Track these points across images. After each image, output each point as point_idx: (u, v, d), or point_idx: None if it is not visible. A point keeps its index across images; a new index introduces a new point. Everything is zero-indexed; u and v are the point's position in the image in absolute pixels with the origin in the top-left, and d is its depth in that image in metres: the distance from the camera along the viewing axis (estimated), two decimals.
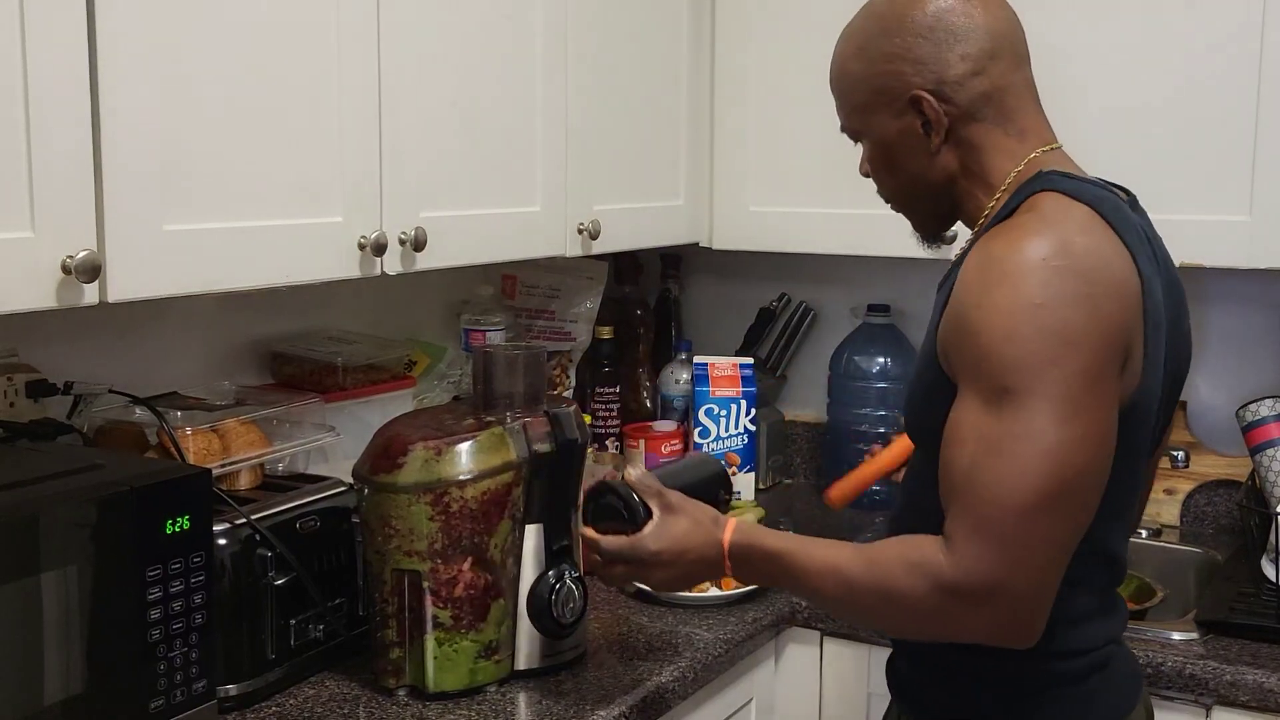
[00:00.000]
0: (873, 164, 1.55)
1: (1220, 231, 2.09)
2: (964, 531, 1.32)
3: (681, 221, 2.51)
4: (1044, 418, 1.29)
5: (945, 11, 1.45)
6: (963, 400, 1.35)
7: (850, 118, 1.55)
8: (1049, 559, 1.33)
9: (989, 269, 1.35)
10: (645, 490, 1.54)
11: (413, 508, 1.65)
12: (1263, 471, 2.22)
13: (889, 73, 1.47)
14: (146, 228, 1.46)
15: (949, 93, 1.45)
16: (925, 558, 1.34)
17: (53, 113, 1.35)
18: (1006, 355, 1.30)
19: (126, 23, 1.42)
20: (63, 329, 1.79)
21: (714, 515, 1.54)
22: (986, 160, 1.48)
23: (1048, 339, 1.30)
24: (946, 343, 1.39)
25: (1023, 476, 1.29)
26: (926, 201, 1.54)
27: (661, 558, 1.51)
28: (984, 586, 1.31)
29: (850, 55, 1.52)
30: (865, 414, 2.64)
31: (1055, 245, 1.33)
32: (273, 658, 1.68)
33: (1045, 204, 1.39)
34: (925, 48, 1.45)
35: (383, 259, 1.78)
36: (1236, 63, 2.08)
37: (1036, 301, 1.30)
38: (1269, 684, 1.80)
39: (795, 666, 2.16)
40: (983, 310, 1.33)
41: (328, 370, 2.11)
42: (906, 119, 1.47)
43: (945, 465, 1.36)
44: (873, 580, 1.38)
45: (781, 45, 2.47)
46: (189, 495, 1.45)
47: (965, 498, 1.33)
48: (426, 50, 1.84)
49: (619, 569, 1.56)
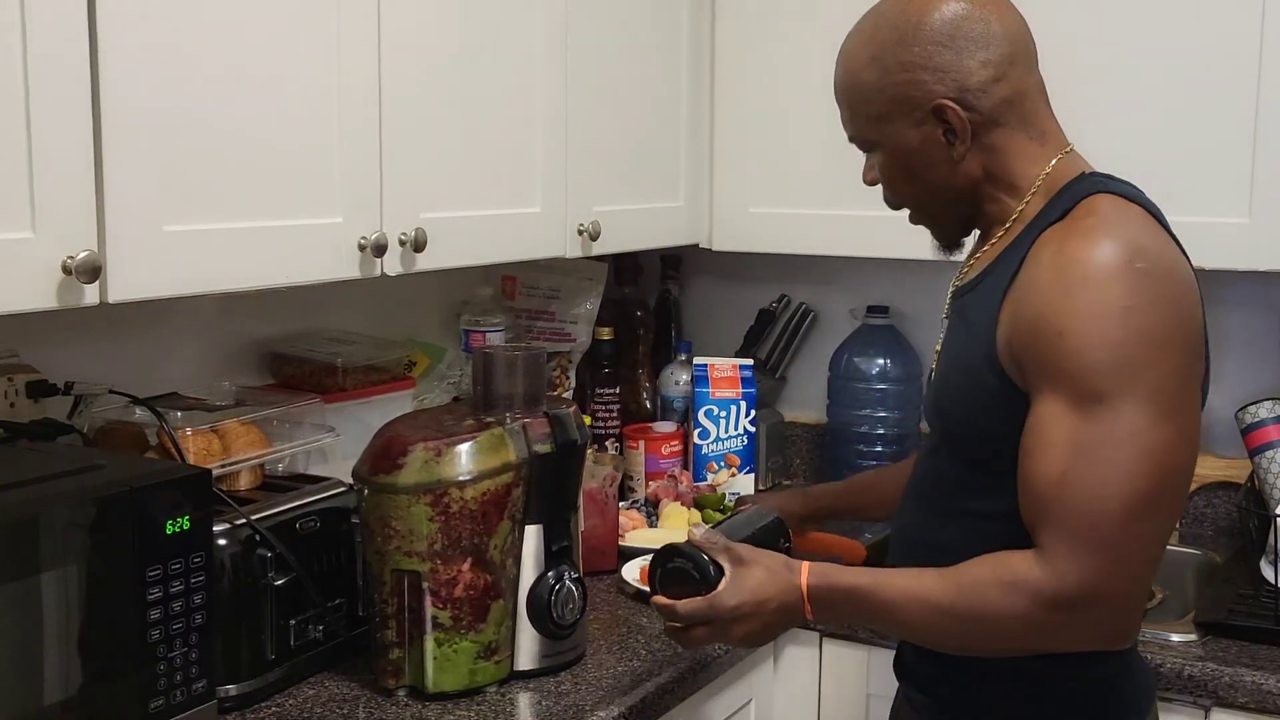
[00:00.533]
0: (888, 174, 1.53)
1: (1219, 233, 2.09)
2: (1061, 542, 1.31)
3: (681, 223, 2.52)
4: (1141, 419, 1.30)
5: (962, 18, 1.43)
6: (1045, 406, 1.34)
7: (864, 128, 1.52)
8: (1147, 560, 1.34)
9: (1068, 273, 1.33)
10: (712, 548, 1.51)
11: (412, 508, 1.65)
12: (1261, 473, 2.22)
13: (909, 82, 1.45)
14: (147, 228, 1.46)
15: (972, 100, 1.43)
16: (1020, 575, 1.34)
17: (53, 113, 1.35)
18: (1099, 359, 1.30)
19: (128, 24, 1.42)
20: (63, 329, 1.79)
21: (786, 561, 1.50)
22: (1010, 164, 1.47)
23: (1139, 341, 1.30)
24: (1019, 348, 1.37)
25: (1123, 481, 1.30)
26: (948, 209, 1.53)
27: (741, 611, 1.47)
28: (1085, 595, 1.31)
29: (863, 65, 1.48)
30: (865, 415, 2.64)
31: (1133, 248, 1.33)
32: (272, 658, 1.68)
33: (1103, 206, 1.39)
34: (945, 55, 1.43)
35: (383, 260, 1.78)
36: (1236, 64, 2.08)
37: (1126, 304, 1.30)
38: (1268, 685, 1.80)
39: (794, 668, 2.16)
40: (1069, 315, 1.32)
41: (327, 371, 2.11)
42: (927, 128, 1.46)
43: (1028, 475, 1.35)
44: (966, 606, 1.37)
45: (782, 47, 2.47)
46: (189, 495, 1.45)
47: (1059, 507, 1.32)
48: (427, 51, 1.84)
49: (699, 631, 1.51)
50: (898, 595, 1.42)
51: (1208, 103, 2.11)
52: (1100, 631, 1.36)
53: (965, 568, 1.39)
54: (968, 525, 1.46)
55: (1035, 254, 1.39)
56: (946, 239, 1.59)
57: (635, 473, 2.60)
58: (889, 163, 1.51)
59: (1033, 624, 1.34)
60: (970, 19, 1.44)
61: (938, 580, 1.40)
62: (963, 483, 1.48)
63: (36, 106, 1.34)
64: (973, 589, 1.37)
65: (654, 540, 2.28)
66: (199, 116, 1.52)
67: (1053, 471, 1.32)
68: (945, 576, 1.40)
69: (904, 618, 1.42)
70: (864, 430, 2.64)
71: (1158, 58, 2.14)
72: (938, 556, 1.44)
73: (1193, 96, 2.12)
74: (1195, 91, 2.11)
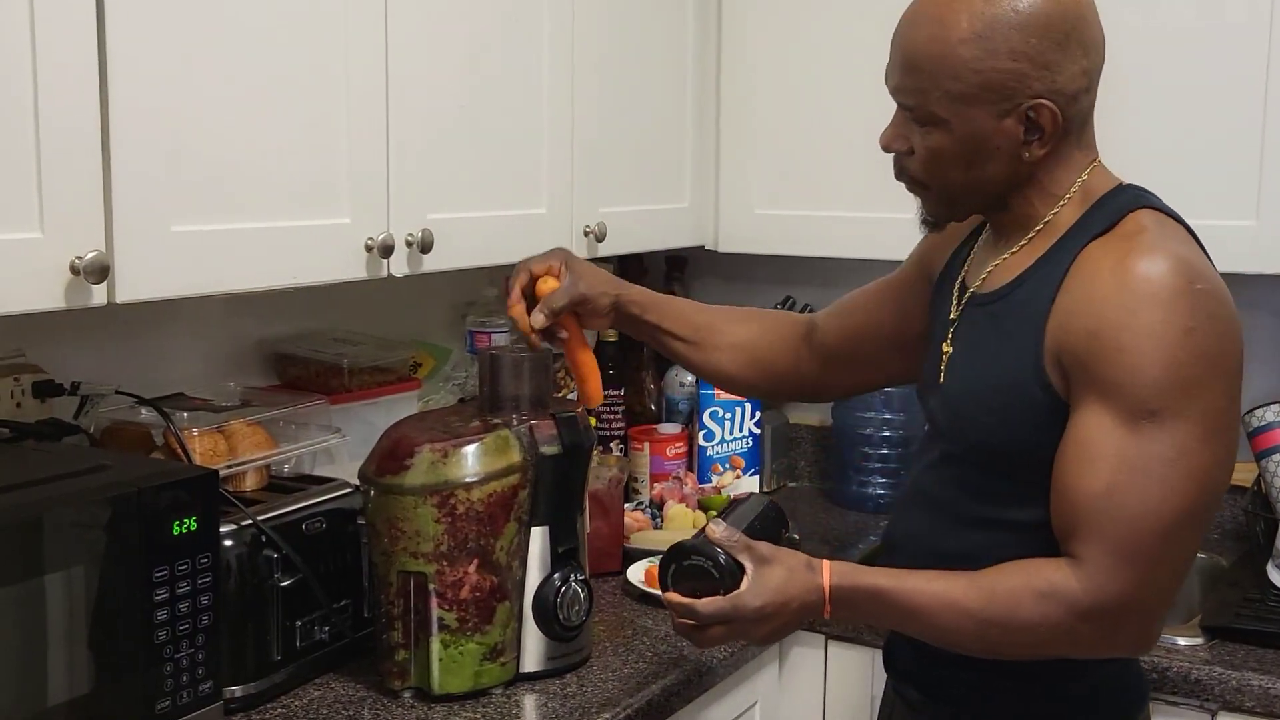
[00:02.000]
0: (938, 155, 1.43)
1: (1227, 236, 2.07)
2: (1101, 554, 1.32)
3: (687, 224, 2.52)
4: (1191, 440, 1.31)
5: (1081, 21, 1.38)
6: (1093, 420, 1.33)
7: (936, 102, 1.40)
8: (1178, 573, 1.36)
9: (1132, 290, 1.32)
10: (733, 546, 1.45)
11: (419, 510, 1.65)
12: (1269, 477, 2.21)
13: (1013, 72, 1.36)
14: (155, 229, 1.47)
15: (1063, 105, 1.39)
16: (1055, 585, 1.34)
17: (62, 114, 1.36)
18: (1159, 379, 1.30)
19: (136, 24, 1.42)
20: (70, 329, 1.79)
21: (806, 560, 1.46)
22: (1057, 171, 1.44)
23: (1199, 363, 1.31)
24: (1071, 360, 1.36)
25: (1169, 499, 1.31)
26: (979, 200, 1.48)
27: (765, 612, 1.43)
28: (1120, 607, 1.33)
29: (964, 38, 1.37)
30: (869, 417, 2.64)
31: (1192, 268, 1.33)
32: (278, 659, 1.68)
33: (1150, 222, 1.38)
34: (1056, 55, 1.37)
35: (389, 260, 1.78)
36: (1244, 67, 2.08)
37: (1189, 325, 1.30)
38: (1274, 689, 1.80)
39: (800, 670, 2.16)
40: (1131, 332, 1.31)
41: (333, 372, 2.11)
42: (1009, 121, 1.39)
43: (1070, 486, 1.35)
44: (998, 612, 1.37)
45: (787, 48, 2.47)
46: (195, 496, 1.45)
47: (1100, 520, 1.32)
48: (434, 52, 1.84)
49: (717, 631, 1.46)
50: (925, 598, 1.40)
51: (1215, 106, 2.11)
52: (1127, 642, 1.38)
53: (997, 575, 1.38)
54: (988, 534, 1.45)
55: (1084, 266, 1.37)
56: (941, 219, 1.53)
57: (640, 474, 2.60)
58: (948, 145, 1.42)
59: (1064, 633, 1.35)
60: (1088, 25, 1.39)
61: (968, 585, 1.39)
62: (987, 492, 1.47)
63: (45, 107, 1.34)
64: (1007, 596, 1.36)
65: (659, 542, 2.28)
66: (206, 117, 1.52)
67: (1098, 485, 1.32)
68: (975, 582, 1.39)
69: (930, 620, 1.41)
70: (868, 432, 2.64)
71: (1166, 61, 2.13)
72: (954, 565, 1.43)
73: (1201, 100, 2.12)
74: (1203, 95, 2.11)
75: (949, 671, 1.51)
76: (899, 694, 1.63)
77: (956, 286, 1.56)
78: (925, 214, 1.53)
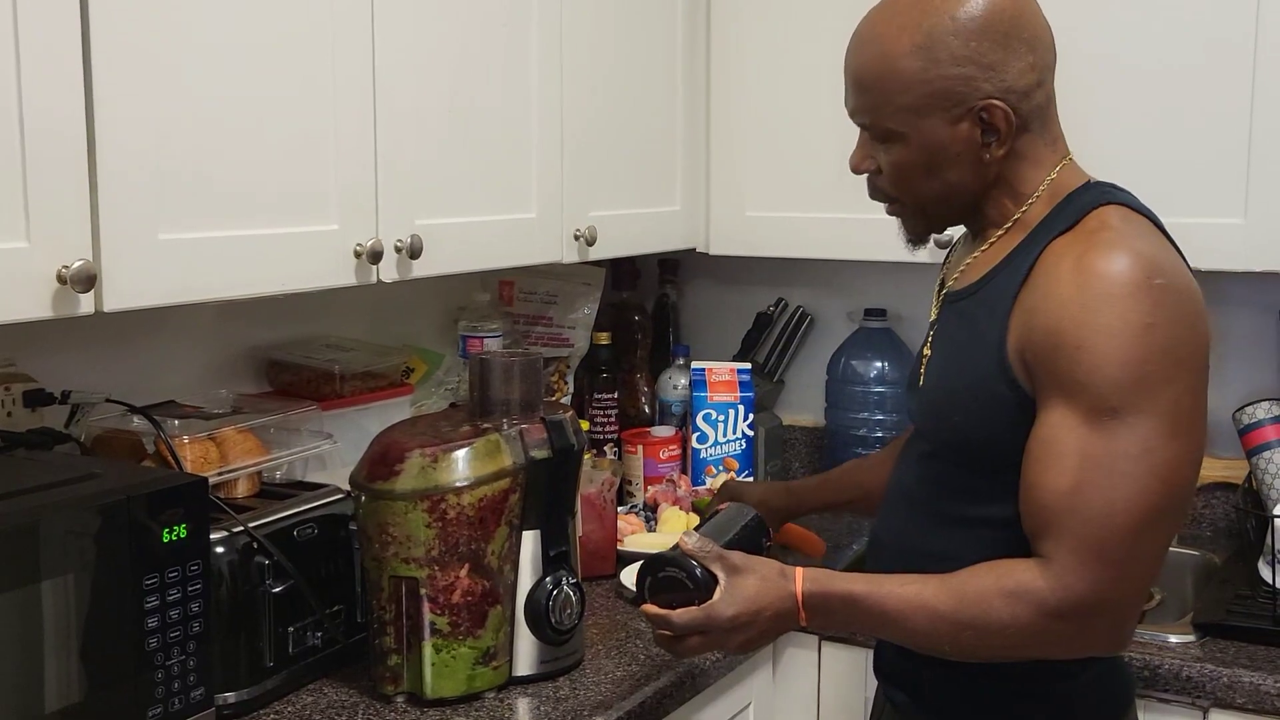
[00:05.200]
0: (902, 168, 1.45)
1: (1215, 234, 2.09)
2: (1068, 553, 1.32)
3: (678, 227, 2.52)
4: (1155, 436, 1.30)
5: (1020, 18, 1.39)
6: (1056, 418, 1.34)
7: (889, 118, 1.43)
8: (1148, 571, 1.36)
9: (1089, 287, 1.32)
10: (705, 556, 1.47)
11: (410, 515, 1.65)
12: (1259, 474, 2.22)
13: (958, 77, 1.38)
14: (142, 237, 1.47)
15: (1015, 102, 1.40)
16: (1023, 585, 1.34)
17: (47, 122, 1.35)
18: (1120, 377, 1.30)
19: (121, 32, 1.42)
20: (59, 338, 1.79)
21: (780, 568, 1.47)
22: (1024, 170, 1.45)
23: (1160, 359, 1.30)
24: (1034, 358, 1.36)
25: (1134, 496, 1.30)
26: (949, 208, 1.49)
27: (739, 620, 1.44)
28: (1089, 606, 1.33)
29: (904, 52, 1.40)
30: (863, 418, 2.65)
31: (1151, 264, 1.33)
32: (270, 665, 1.68)
33: (1114, 218, 1.38)
34: (998, 54, 1.38)
35: (379, 267, 1.78)
36: (1230, 65, 2.08)
37: (1148, 321, 1.30)
38: (1266, 686, 1.80)
39: (793, 671, 2.16)
40: (1089, 330, 1.31)
41: (325, 378, 2.11)
42: (964, 126, 1.40)
43: (1036, 485, 1.35)
44: (969, 614, 1.37)
45: (777, 51, 2.48)
46: (186, 503, 1.45)
47: (1067, 519, 1.32)
48: (421, 57, 1.84)
49: (694, 641, 1.47)
50: (898, 602, 1.41)
51: (1203, 104, 2.11)
52: (1100, 641, 1.38)
53: (967, 576, 1.39)
54: (966, 532, 1.46)
55: (1047, 263, 1.38)
56: (921, 235, 1.55)
57: (634, 477, 2.61)
58: (909, 157, 1.44)
59: (1036, 633, 1.35)
60: (1023, 18, 1.40)
61: (938, 588, 1.39)
62: (961, 489, 1.48)
63: (30, 115, 1.34)
64: (977, 598, 1.36)
65: (652, 545, 2.28)
66: (193, 124, 1.52)
67: (1063, 483, 1.32)
68: (946, 584, 1.39)
69: (903, 624, 1.42)
70: (862, 433, 2.65)
71: (1153, 60, 2.14)
72: (933, 563, 1.43)
73: (1187, 98, 2.12)
74: (1190, 93, 2.12)
75: (935, 674, 1.51)
76: (887, 697, 1.63)
77: (937, 290, 1.59)
78: (906, 233, 1.55)
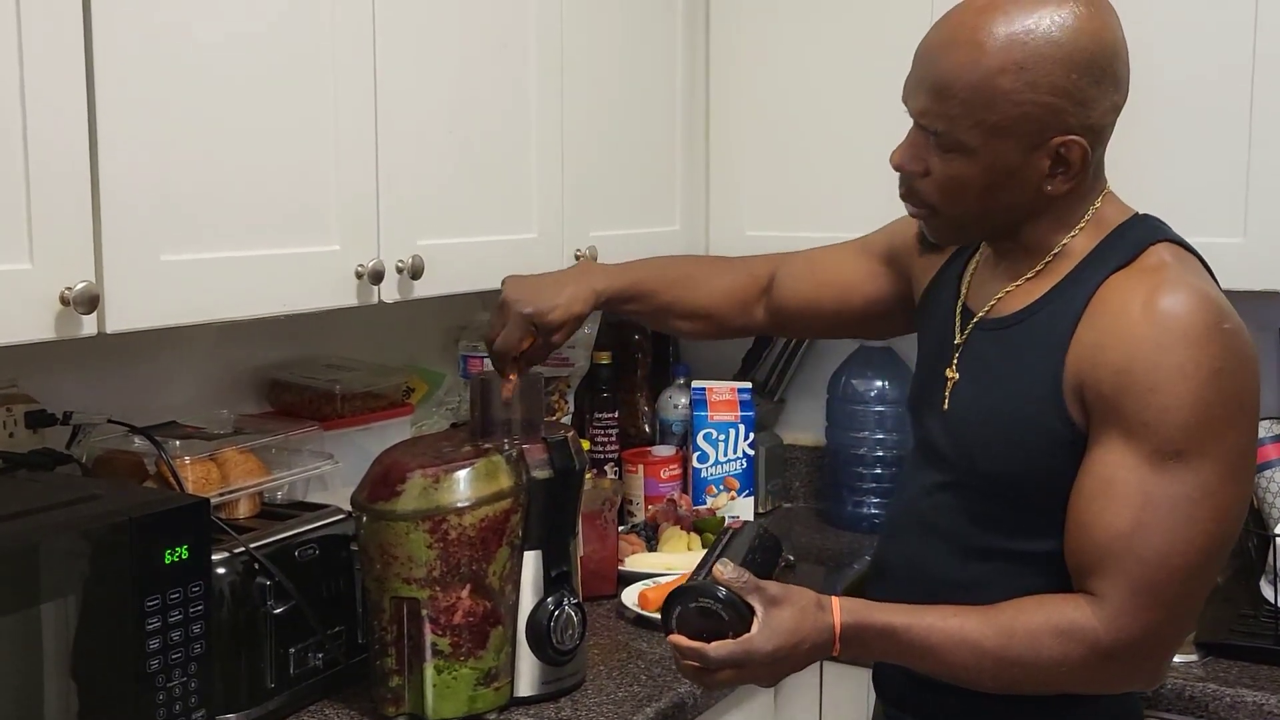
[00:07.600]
0: (959, 181, 1.38)
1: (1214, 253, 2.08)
2: (1123, 593, 1.32)
3: (678, 246, 2.52)
4: (1216, 480, 1.31)
5: (1117, 57, 1.35)
6: (1116, 457, 1.33)
7: (966, 131, 1.35)
8: (1196, 611, 1.37)
9: (1164, 328, 1.31)
10: (743, 588, 1.40)
11: (411, 535, 1.65)
12: (1261, 493, 2.22)
13: (1049, 107, 1.32)
14: (144, 258, 1.47)
15: (1092, 141, 1.36)
16: (1076, 624, 1.33)
17: (50, 144, 1.36)
18: (1188, 420, 1.30)
19: (124, 54, 1.43)
20: (61, 359, 1.79)
21: (816, 598, 1.42)
22: (1074, 201, 1.42)
23: (1228, 404, 1.31)
24: (1096, 395, 1.34)
25: (1193, 539, 1.31)
26: (991, 228, 1.45)
27: (778, 655, 1.38)
28: (1141, 646, 1.33)
29: (1003, 67, 1.32)
30: (864, 437, 2.65)
31: (1219, 308, 1.33)
32: (272, 686, 1.68)
33: (1171, 257, 1.38)
34: (1093, 90, 1.33)
35: (380, 287, 1.78)
36: (1229, 84, 2.09)
37: (1218, 366, 1.30)
38: (1269, 705, 1.80)
39: (795, 692, 2.15)
40: (1165, 372, 1.30)
41: (326, 398, 2.11)
42: (1038, 154, 1.35)
43: (1091, 524, 1.34)
44: (1016, 651, 1.35)
45: (776, 70, 2.49)
46: (187, 524, 1.45)
47: (1124, 559, 1.31)
48: (422, 79, 1.85)
49: (726, 674, 1.41)
50: (940, 637, 1.38)
51: (1201, 123, 2.12)
52: (1143, 678, 1.40)
53: (1015, 612, 1.37)
54: (995, 564, 1.44)
55: (1108, 299, 1.36)
56: (947, 243, 1.53)
57: (634, 497, 2.60)
58: (969, 172, 1.38)
59: (1085, 671, 1.35)
60: (1120, 57, 1.36)
61: (982, 623, 1.37)
62: (992, 520, 1.45)
63: (34, 137, 1.34)
64: (1026, 635, 1.35)
65: (654, 565, 2.28)
66: (195, 146, 1.53)
67: (1121, 523, 1.31)
68: (990, 620, 1.37)
69: (944, 658, 1.39)
70: (863, 452, 2.65)
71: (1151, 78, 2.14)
72: (958, 593, 1.42)
73: (1186, 117, 2.12)
74: (1189, 112, 2.12)
75: (938, 695, 1.50)
76: (889, 719, 1.63)
77: (959, 310, 1.53)
78: (928, 235, 1.52)
